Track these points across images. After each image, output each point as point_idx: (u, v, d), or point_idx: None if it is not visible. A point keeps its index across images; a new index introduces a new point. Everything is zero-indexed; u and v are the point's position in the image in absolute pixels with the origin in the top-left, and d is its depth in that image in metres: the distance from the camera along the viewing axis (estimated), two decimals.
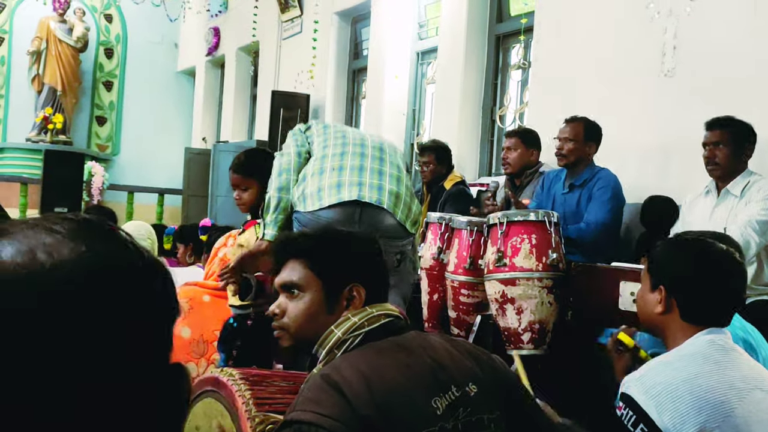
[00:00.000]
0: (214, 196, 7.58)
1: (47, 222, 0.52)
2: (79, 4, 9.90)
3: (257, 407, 1.40)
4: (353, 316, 1.34)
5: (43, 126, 9.56)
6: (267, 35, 7.98)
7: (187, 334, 2.73)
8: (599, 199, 3.30)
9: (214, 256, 3.51)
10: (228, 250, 3.28)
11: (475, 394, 1.23)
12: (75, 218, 0.54)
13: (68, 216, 0.54)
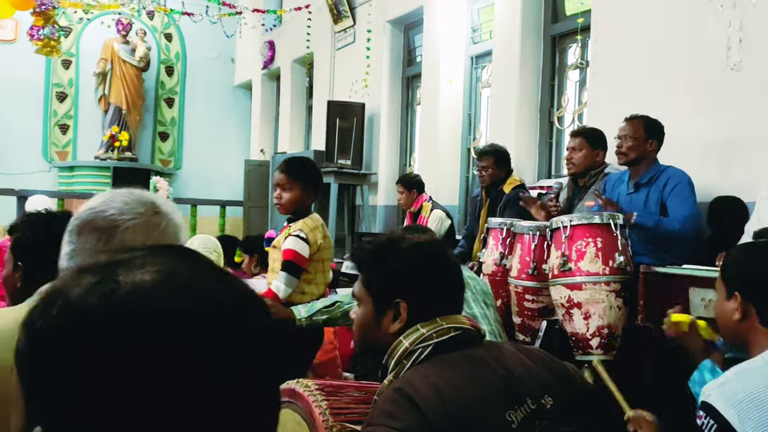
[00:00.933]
0: (274, 206, 7.72)
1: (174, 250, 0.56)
2: (141, 25, 10.26)
3: (333, 417, 1.43)
4: (422, 327, 1.35)
5: (110, 144, 9.94)
6: (321, 46, 8.10)
7: None
8: (679, 195, 3.17)
9: None
10: None
11: (551, 406, 1.21)
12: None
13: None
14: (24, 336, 0.51)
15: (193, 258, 0.58)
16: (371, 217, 7.03)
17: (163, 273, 0.53)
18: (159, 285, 0.52)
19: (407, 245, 1.45)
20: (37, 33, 7.65)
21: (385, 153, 7.01)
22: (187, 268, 0.55)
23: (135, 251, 0.56)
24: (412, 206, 5.28)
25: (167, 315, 0.50)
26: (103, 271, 0.53)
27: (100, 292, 0.50)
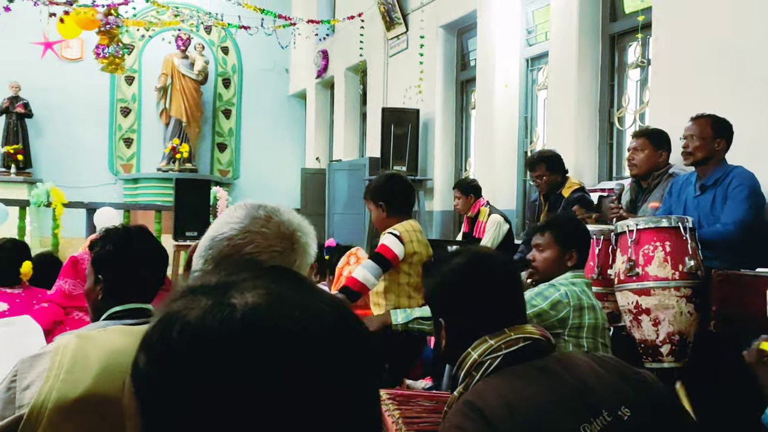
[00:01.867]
0: (330, 214, 7.82)
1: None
2: (199, 39, 10.55)
3: (406, 426, 1.44)
4: (490, 339, 1.34)
5: (172, 156, 10.25)
6: (374, 54, 8.16)
7: None
8: (736, 197, 3.08)
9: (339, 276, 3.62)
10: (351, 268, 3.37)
11: (628, 418, 1.18)
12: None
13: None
14: (144, 356, 0.54)
15: (294, 279, 0.60)
16: (428, 223, 7.02)
17: (273, 295, 0.55)
18: (271, 307, 0.53)
19: (446, 267, 1.50)
20: (103, 51, 7.97)
21: (440, 158, 7.00)
22: (292, 289, 0.57)
23: (242, 273, 0.59)
24: (469, 211, 5.25)
25: (281, 336, 0.52)
26: (217, 294, 0.55)
27: (218, 315, 0.52)
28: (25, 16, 8.01)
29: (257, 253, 1.10)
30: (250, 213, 1.17)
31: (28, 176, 9.77)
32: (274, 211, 1.18)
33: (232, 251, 1.12)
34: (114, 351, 1.02)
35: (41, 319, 2.70)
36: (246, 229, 1.14)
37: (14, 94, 9.69)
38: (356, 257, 3.46)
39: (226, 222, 1.18)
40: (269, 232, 1.14)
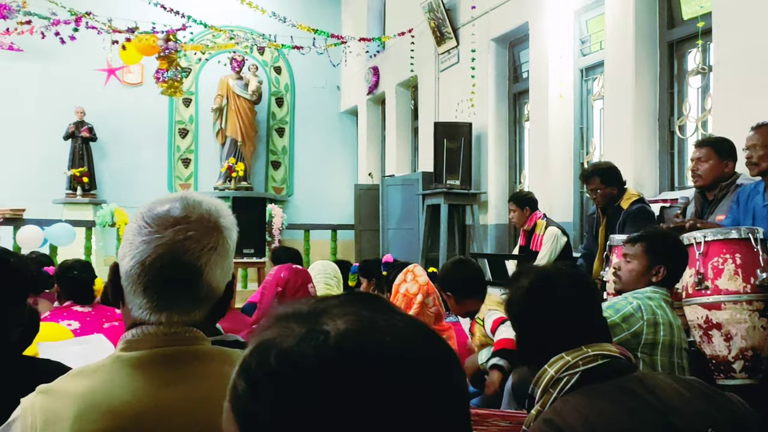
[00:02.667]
0: (385, 229, 7.85)
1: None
2: (253, 60, 10.81)
3: None
4: (567, 355, 1.33)
5: (228, 174, 10.48)
6: (425, 69, 8.19)
7: None
8: None
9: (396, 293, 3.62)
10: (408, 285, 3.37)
11: None
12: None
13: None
14: (243, 383, 0.56)
15: (382, 304, 0.61)
16: (482, 237, 6.97)
17: (363, 321, 0.56)
18: (363, 333, 0.55)
19: (514, 287, 1.51)
20: (162, 76, 8.25)
21: (494, 171, 6.96)
22: (381, 314, 0.58)
23: (330, 299, 0.60)
24: (525, 224, 5.18)
25: (374, 361, 0.53)
26: (309, 321, 0.57)
27: (312, 342, 0.54)
28: (90, 44, 8.35)
29: (196, 259, 1.03)
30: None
31: (93, 197, 10.14)
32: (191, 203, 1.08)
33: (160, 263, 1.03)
34: (79, 396, 1.00)
35: (113, 338, 2.79)
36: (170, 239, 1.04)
37: (80, 119, 10.10)
38: (413, 274, 3.45)
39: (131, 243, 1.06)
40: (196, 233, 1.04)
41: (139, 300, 1.02)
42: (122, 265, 1.03)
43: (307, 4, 10.97)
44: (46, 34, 7.70)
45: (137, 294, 1.02)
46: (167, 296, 1.02)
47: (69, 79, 10.09)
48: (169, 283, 1.02)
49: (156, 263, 1.01)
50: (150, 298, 1.02)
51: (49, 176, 10.01)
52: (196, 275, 1.02)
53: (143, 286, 1.02)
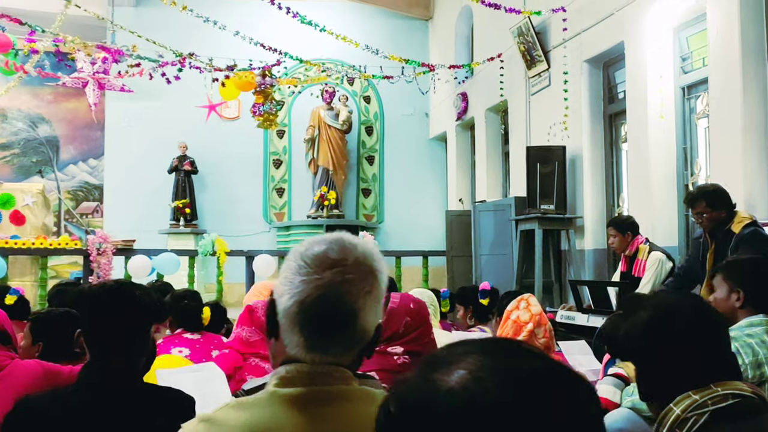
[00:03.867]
0: (477, 255, 7.77)
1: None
2: (343, 91, 11.09)
3: None
4: (694, 394, 1.26)
5: (320, 203, 10.73)
6: (515, 93, 8.12)
7: None
8: None
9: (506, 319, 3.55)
10: (520, 313, 3.31)
11: None
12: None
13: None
14: (378, 426, 0.60)
15: (503, 349, 0.60)
16: (579, 263, 6.78)
17: (489, 369, 0.56)
18: (476, 382, 0.55)
19: (630, 321, 1.43)
20: (258, 110, 8.59)
21: (590, 195, 6.77)
22: (501, 362, 0.58)
23: (450, 348, 0.61)
24: (626, 249, 5.00)
25: (503, 409, 0.53)
26: (428, 370, 0.59)
27: (424, 392, 0.56)
28: (192, 82, 8.83)
29: (353, 301, 1.06)
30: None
31: (194, 227, 10.63)
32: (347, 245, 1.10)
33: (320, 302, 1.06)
34: (239, 428, 1.05)
35: (223, 365, 2.89)
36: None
37: (182, 154, 10.67)
38: (527, 303, 3.38)
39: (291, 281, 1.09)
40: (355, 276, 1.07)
41: (296, 338, 1.05)
42: (280, 302, 1.07)
43: (395, 33, 11.17)
44: (154, 75, 8.21)
45: (294, 332, 1.05)
46: (323, 336, 1.06)
47: (173, 116, 10.70)
48: (326, 324, 1.05)
49: (315, 303, 1.04)
50: (307, 336, 1.05)
51: (155, 208, 10.59)
52: (352, 318, 1.05)
53: (301, 325, 1.05)
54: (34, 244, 7.40)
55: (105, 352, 1.88)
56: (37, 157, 12.22)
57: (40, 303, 6.64)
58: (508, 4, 7.22)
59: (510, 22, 7.53)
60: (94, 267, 7.52)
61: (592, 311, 4.74)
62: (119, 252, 7.83)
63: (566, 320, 4.78)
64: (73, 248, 7.65)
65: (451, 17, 10.34)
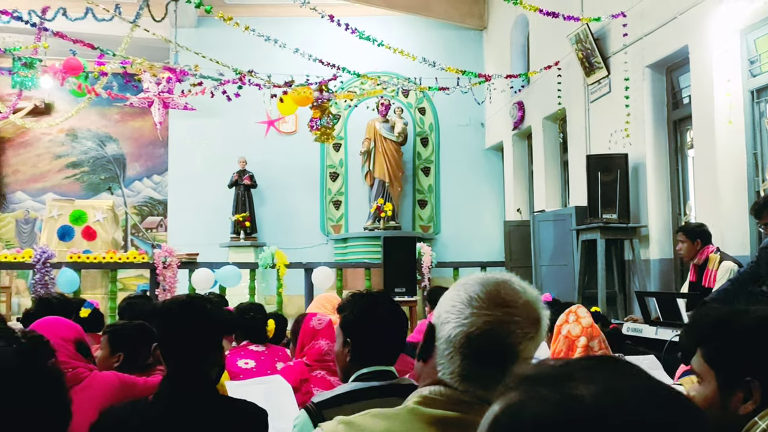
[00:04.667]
0: (537, 266, 7.65)
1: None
2: (398, 103, 11.15)
3: None
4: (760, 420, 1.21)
5: (377, 215, 10.78)
6: (573, 101, 8.00)
7: None
8: None
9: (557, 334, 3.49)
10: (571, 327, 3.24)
11: None
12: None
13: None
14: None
15: (629, 369, 0.59)
16: (644, 273, 6.59)
17: (617, 389, 0.55)
18: (618, 400, 0.54)
19: (757, 317, 1.33)
20: (316, 124, 8.71)
21: (654, 203, 6.58)
22: (632, 381, 0.56)
23: (573, 363, 0.60)
24: (695, 258, 4.83)
25: (628, 429, 0.52)
26: (559, 385, 0.56)
27: (569, 408, 0.54)
28: (251, 99, 9.04)
29: (517, 335, 1.07)
30: (503, 281, 1.12)
31: (254, 240, 10.84)
32: (515, 289, 1.12)
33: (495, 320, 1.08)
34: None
35: (289, 377, 2.93)
36: (508, 301, 1.10)
37: (242, 168, 10.92)
38: (576, 315, 3.31)
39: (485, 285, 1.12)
40: (521, 307, 1.09)
41: (453, 366, 1.08)
42: (442, 328, 1.10)
43: (449, 44, 11.18)
44: (215, 93, 8.44)
45: (454, 360, 1.08)
46: (480, 370, 1.08)
47: (233, 132, 10.98)
48: (487, 359, 1.07)
49: (481, 337, 1.07)
50: (464, 366, 1.08)
51: (216, 222, 10.86)
52: (512, 358, 1.07)
53: (463, 355, 1.08)
54: (104, 258, 7.69)
55: (180, 365, 1.94)
56: (105, 175, 12.71)
57: (110, 315, 6.88)
58: (566, 11, 7.13)
59: (567, 29, 7.43)
60: (160, 280, 7.76)
61: (660, 323, 4.60)
62: (183, 265, 8.04)
63: (633, 333, 4.65)
64: (141, 262, 7.91)
65: (506, 26, 10.28)
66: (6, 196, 12.30)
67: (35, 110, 11.88)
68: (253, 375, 3.38)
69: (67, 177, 12.55)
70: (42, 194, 12.28)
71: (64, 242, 8.54)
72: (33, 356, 0.78)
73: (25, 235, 12.22)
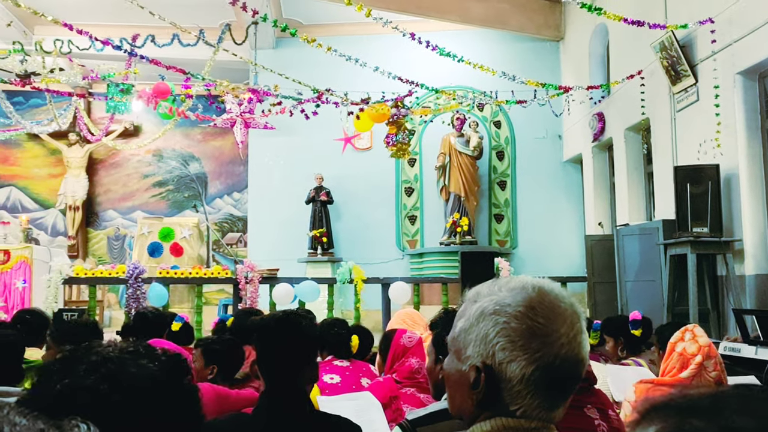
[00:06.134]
0: (622, 281, 7.39)
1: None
2: (473, 117, 11.09)
3: None
4: None
5: (452, 229, 10.72)
6: (658, 110, 7.73)
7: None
8: None
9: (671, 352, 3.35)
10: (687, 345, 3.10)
11: None
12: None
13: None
14: None
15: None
16: (739, 289, 6.25)
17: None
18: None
19: None
20: (392, 140, 8.77)
21: (749, 216, 6.25)
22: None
23: (726, 393, 0.56)
24: None
25: None
26: (712, 416, 0.53)
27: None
28: (328, 117, 9.21)
29: (557, 337, 1.00)
30: (535, 290, 1.04)
31: (331, 256, 10.98)
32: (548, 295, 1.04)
33: (531, 324, 1.01)
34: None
35: (378, 393, 2.93)
36: (545, 306, 1.02)
37: (319, 185, 11.11)
38: (692, 334, 3.16)
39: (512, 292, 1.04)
40: (555, 314, 1.02)
41: (534, 401, 1.00)
42: (508, 368, 0.99)
43: (524, 56, 11.05)
44: (294, 111, 8.65)
45: (536, 396, 0.99)
46: (563, 395, 1.02)
47: (310, 149, 11.21)
48: (568, 384, 1.02)
49: (562, 365, 0.99)
50: (545, 397, 1.00)
51: (294, 238, 11.08)
52: (582, 370, 1.02)
53: (546, 388, 1.00)
54: (191, 273, 7.97)
55: (277, 380, 1.97)
56: (188, 192, 13.21)
57: (197, 329, 7.11)
58: (649, 19, 6.91)
59: (650, 37, 7.21)
60: (242, 295, 7.96)
61: (760, 342, 4.35)
62: (264, 280, 8.22)
63: (731, 352, 4.41)
64: (225, 277, 8.14)
65: (584, 36, 10.07)
66: (98, 215, 12.97)
67: (125, 132, 12.50)
68: (339, 390, 3.40)
69: (154, 195, 13.10)
70: (131, 212, 12.88)
71: (154, 258, 8.92)
72: (176, 373, 0.81)
73: (116, 251, 12.83)
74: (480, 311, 1.05)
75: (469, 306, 1.09)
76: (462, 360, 1.06)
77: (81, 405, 0.72)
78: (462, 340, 1.06)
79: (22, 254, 7.83)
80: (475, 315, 1.06)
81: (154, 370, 0.78)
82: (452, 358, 1.10)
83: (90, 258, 12.46)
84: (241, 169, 12.72)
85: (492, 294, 1.06)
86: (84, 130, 11.06)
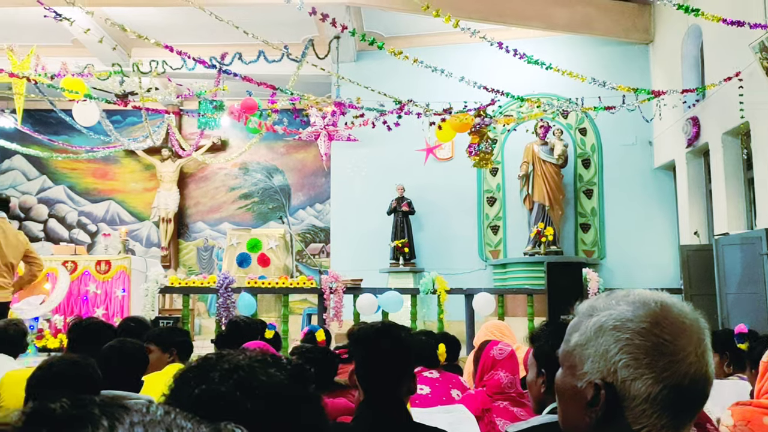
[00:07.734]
0: (723, 294, 7.00)
1: None
2: (557, 125, 10.84)
3: None
4: None
5: (537, 239, 10.49)
6: (758, 113, 7.30)
7: None
8: None
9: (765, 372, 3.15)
10: None
11: None
12: None
13: None
14: None
15: None
16: None
17: None
18: None
19: None
20: (474, 149, 8.69)
21: None
22: None
23: None
24: None
25: None
26: None
27: None
28: (410, 127, 9.23)
29: (685, 356, 0.96)
30: (660, 307, 0.99)
31: (412, 266, 10.97)
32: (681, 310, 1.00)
33: (657, 341, 0.96)
34: None
35: (471, 406, 2.89)
36: (672, 324, 0.97)
37: (400, 195, 11.14)
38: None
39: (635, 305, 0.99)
40: (682, 331, 0.98)
41: (661, 422, 0.97)
42: (633, 386, 0.96)
43: (612, 61, 10.73)
44: (376, 123, 8.72)
45: (663, 416, 0.97)
46: (689, 415, 0.99)
47: (391, 160, 11.26)
48: (695, 403, 0.99)
49: (692, 384, 0.96)
50: (672, 417, 0.97)
51: (376, 248, 11.14)
52: (710, 389, 0.99)
53: (672, 408, 0.97)
54: (278, 283, 8.16)
55: (376, 391, 1.96)
56: (272, 204, 13.55)
57: (283, 338, 7.24)
58: (746, 18, 6.56)
59: (748, 37, 6.83)
60: (327, 305, 8.06)
61: None
62: (348, 290, 8.30)
63: None
64: (310, 287, 8.28)
65: (675, 39, 9.67)
66: (188, 226, 13.50)
67: (213, 147, 12.98)
68: (429, 401, 3.37)
69: (240, 207, 13.52)
70: (219, 224, 13.34)
71: (242, 268, 9.18)
72: (302, 381, 0.81)
73: (205, 262, 13.31)
74: (598, 326, 1.01)
75: (584, 320, 1.05)
76: (577, 376, 1.02)
77: (218, 410, 0.73)
78: (578, 354, 1.03)
79: (121, 264, 8.24)
80: (592, 329, 1.02)
81: (282, 378, 0.79)
82: (566, 373, 1.06)
83: (181, 268, 12.99)
84: (323, 181, 12.94)
85: (609, 308, 1.02)
86: (176, 145, 11.57)
